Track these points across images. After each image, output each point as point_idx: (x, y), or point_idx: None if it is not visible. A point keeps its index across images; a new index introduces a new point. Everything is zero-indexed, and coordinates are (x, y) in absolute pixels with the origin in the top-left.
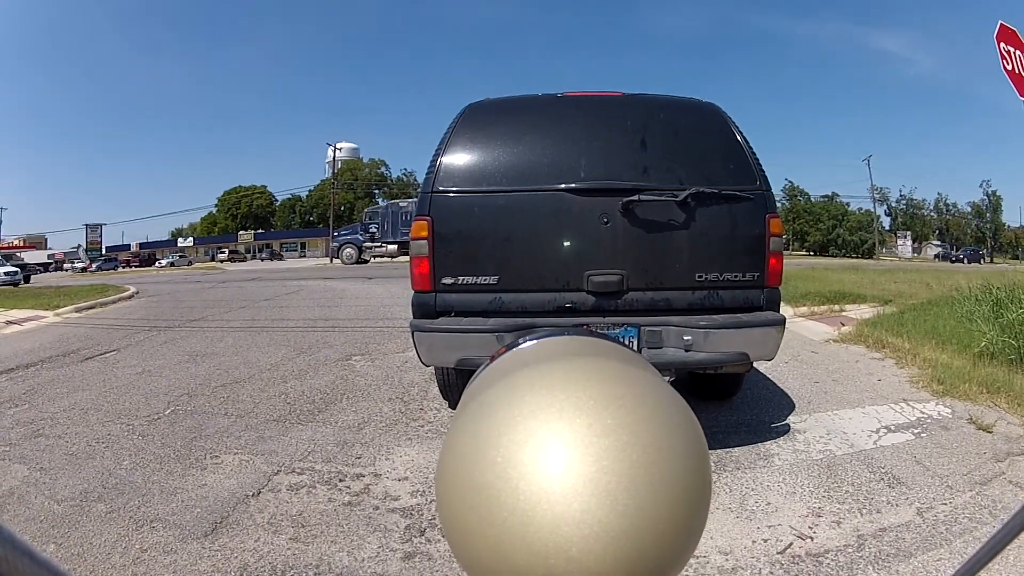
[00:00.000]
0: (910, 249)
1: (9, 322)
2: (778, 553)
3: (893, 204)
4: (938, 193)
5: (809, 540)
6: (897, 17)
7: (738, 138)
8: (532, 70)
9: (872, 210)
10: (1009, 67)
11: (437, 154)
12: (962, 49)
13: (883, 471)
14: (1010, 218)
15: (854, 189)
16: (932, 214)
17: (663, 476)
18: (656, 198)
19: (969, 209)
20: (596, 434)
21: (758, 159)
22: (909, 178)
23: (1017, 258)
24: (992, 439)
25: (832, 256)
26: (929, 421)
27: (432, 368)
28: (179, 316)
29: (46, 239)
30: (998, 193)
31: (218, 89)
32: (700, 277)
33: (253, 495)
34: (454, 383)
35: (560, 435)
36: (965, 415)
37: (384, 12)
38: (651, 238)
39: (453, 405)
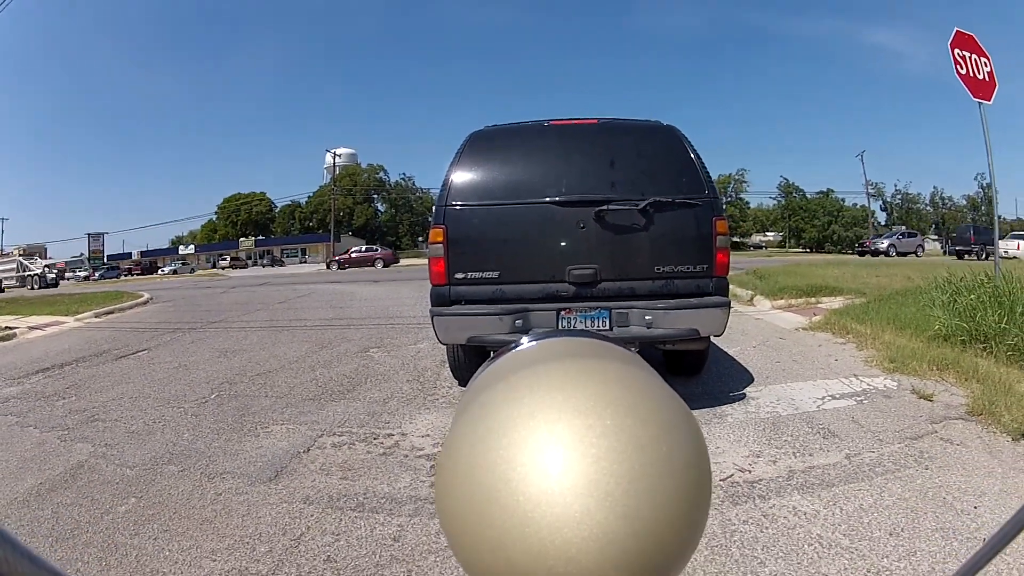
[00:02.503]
0: None
1: (32, 327)
2: (721, 480)
3: (888, 199)
4: (934, 187)
5: (748, 472)
6: (890, 11)
7: (691, 155)
8: (528, 72)
9: (867, 205)
10: (963, 71)
11: (448, 174)
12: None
13: (821, 427)
14: (1005, 211)
15: (849, 185)
16: (928, 208)
17: (663, 477)
18: (622, 207)
19: (965, 202)
20: (595, 435)
21: (708, 171)
22: (905, 173)
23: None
24: (932, 406)
25: (827, 252)
26: (873, 391)
27: (443, 357)
28: (199, 319)
29: (46, 249)
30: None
31: (214, 97)
32: (659, 269)
33: (304, 451)
34: (463, 363)
35: (559, 436)
36: (909, 387)
37: (380, 19)
38: (619, 239)
39: (463, 383)
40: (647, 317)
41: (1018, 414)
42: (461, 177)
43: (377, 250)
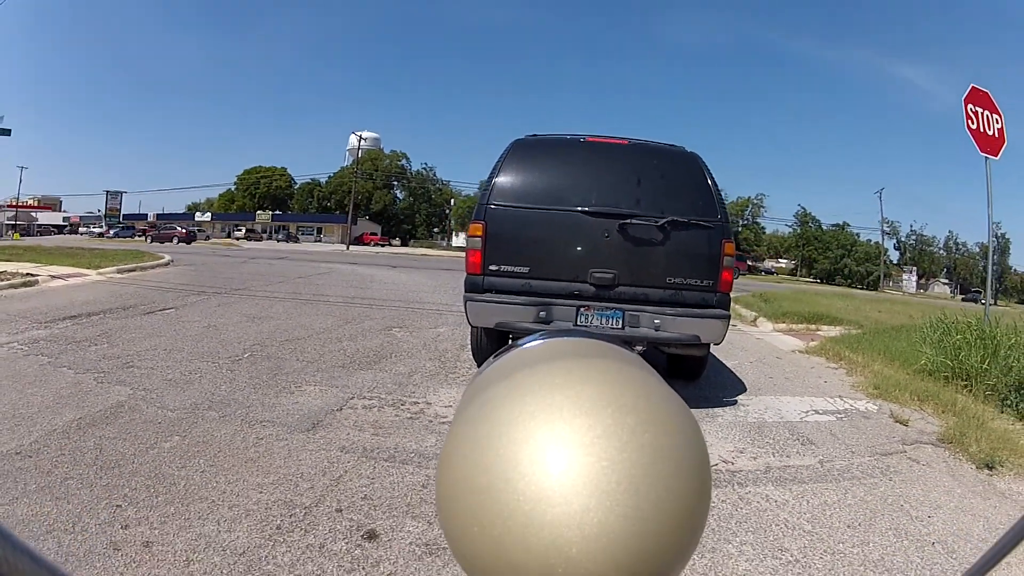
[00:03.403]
0: (915, 284)
1: (53, 276)
2: None
3: (903, 239)
4: (949, 231)
5: (730, 464)
6: (921, 49)
7: (708, 182)
8: (554, 74)
9: (881, 243)
10: (973, 126)
11: (491, 177)
12: (983, 84)
13: (801, 435)
14: (1017, 262)
15: (866, 220)
16: (941, 252)
17: (663, 477)
18: (643, 222)
19: (978, 249)
20: (596, 435)
21: (722, 198)
22: (922, 214)
23: None
24: (906, 430)
25: (837, 285)
26: (855, 412)
27: (462, 341)
28: (222, 285)
29: (61, 201)
30: (1007, 235)
31: (243, 69)
32: (670, 280)
33: (337, 410)
34: (485, 347)
35: (560, 436)
36: (888, 412)
37: (412, 9)
38: (637, 250)
39: (480, 364)
40: (656, 321)
41: (986, 446)
42: (503, 180)
43: (176, 229)
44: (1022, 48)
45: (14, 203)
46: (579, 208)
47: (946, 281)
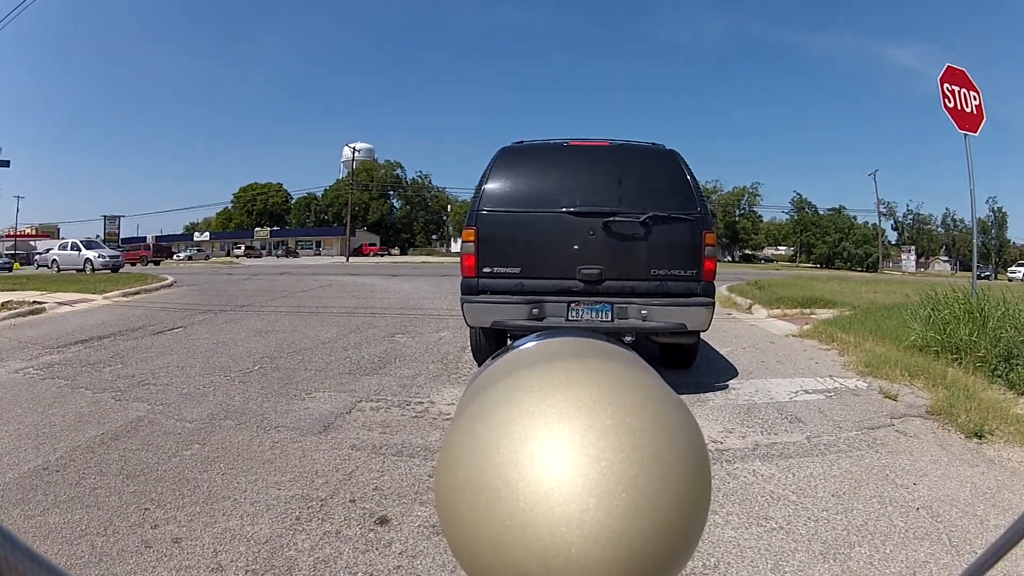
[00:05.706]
0: (914, 264)
1: (60, 303)
2: None
3: (900, 219)
4: (946, 208)
5: (719, 444)
6: (914, 31)
7: (687, 176)
8: (546, 74)
9: (878, 224)
10: (951, 105)
11: (481, 184)
12: (975, 63)
13: (790, 414)
14: (1015, 235)
15: (862, 203)
16: (939, 230)
17: (662, 477)
18: (626, 219)
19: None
20: (595, 435)
21: (700, 191)
22: (918, 193)
23: None
24: (894, 404)
25: (837, 268)
26: (844, 389)
27: (463, 344)
28: (227, 302)
29: (59, 228)
30: (1004, 210)
31: (236, 86)
32: (654, 272)
33: (346, 412)
34: (484, 347)
35: (559, 436)
36: (878, 388)
37: (400, 15)
38: (622, 245)
39: (481, 363)
40: (643, 312)
41: (975, 416)
42: (491, 187)
43: None
44: (1011, 24)
45: (12, 233)
46: (564, 209)
47: (946, 259)
